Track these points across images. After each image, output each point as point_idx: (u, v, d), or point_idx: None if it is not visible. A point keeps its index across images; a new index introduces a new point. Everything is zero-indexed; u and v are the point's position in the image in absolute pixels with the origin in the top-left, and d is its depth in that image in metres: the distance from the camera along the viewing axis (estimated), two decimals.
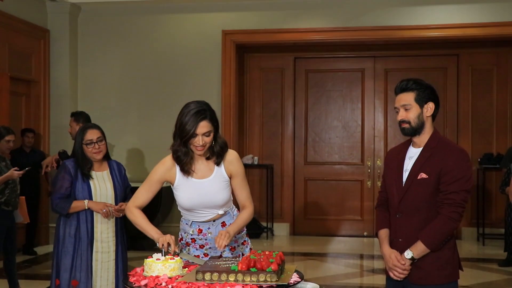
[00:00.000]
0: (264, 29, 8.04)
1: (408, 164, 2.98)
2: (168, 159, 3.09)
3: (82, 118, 5.65)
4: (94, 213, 3.96)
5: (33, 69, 7.89)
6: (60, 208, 3.93)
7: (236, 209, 3.25)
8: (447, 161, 2.86)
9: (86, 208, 3.92)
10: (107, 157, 4.09)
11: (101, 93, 8.33)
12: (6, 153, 5.54)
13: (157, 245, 2.90)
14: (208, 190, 3.04)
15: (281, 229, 8.76)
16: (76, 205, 3.91)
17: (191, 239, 3.14)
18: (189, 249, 3.16)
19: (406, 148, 3.05)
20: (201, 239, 3.13)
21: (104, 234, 4.00)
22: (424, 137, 2.96)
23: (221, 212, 3.11)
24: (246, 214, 3.09)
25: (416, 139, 2.98)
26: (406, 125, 2.95)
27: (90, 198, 3.95)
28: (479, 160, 8.00)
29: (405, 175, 2.97)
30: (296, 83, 8.81)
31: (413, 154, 2.99)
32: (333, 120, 8.75)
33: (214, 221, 3.12)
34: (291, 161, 8.76)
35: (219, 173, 3.06)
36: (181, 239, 3.20)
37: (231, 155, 3.10)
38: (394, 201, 3.00)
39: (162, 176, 3.09)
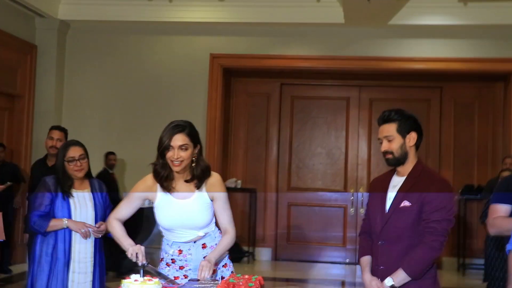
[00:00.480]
0: (252, 54, 8.10)
1: (391, 193, 2.99)
2: (150, 177, 3.06)
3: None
4: (73, 232, 3.83)
5: (18, 84, 7.80)
6: (38, 226, 3.78)
7: (218, 230, 3.18)
8: (429, 190, 2.87)
9: (65, 227, 3.79)
10: (88, 175, 3.99)
11: (86, 110, 8.26)
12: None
13: (127, 254, 2.88)
14: (188, 212, 2.99)
15: (263, 254, 8.70)
16: (55, 224, 3.78)
17: (171, 259, 3.08)
18: (169, 270, 3.08)
19: (390, 177, 3.06)
20: (181, 260, 3.07)
21: (82, 254, 3.87)
22: (407, 167, 2.97)
23: (201, 233, 3.05)
24: (227, 239, 3.02)
25: (400, 169, 2.99)
26: (389, 156, 2.97)
27: (70, 217, 3.82)
28: (460, 191, 8.06)
29: (389, 203, 2.98)
30: (282, 109, 8.85)
31: (396, 183, 3.00)
32: (317, 147, 8.78)
33: (194, 242, 3.06)
34: (275, 186, 8.75)
35: (200, 195, 3.01)
36: (162, 259, 3.14)
37: (214, 177, 3.05)
38: (376, 228, 3.00)
39: (142, 193, 3.07)
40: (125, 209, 3.10)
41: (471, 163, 8.40)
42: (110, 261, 4.85)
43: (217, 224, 3.15)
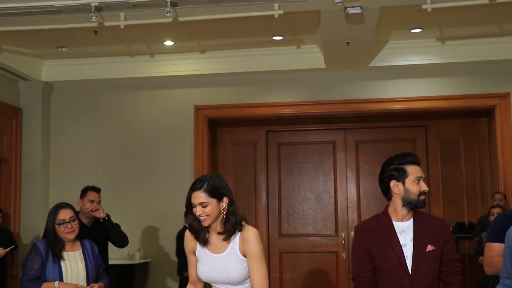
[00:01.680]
0: (236, 104, 8.10)
1: (405, 239, 2.93)
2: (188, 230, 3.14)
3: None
4: None
5: (5, 148, 7.76)
6: None
7: None
8: (444, 232, 2.94)
9: None
10: (79, 237, 3.99)
11: (74, 170, 8.22)
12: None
13: None
14: (221, 266, 2.96)
15: None
16: (46, 287, 3.79)
17: None
18: None
19: (387, 223, 2.98)
20: None
21: None
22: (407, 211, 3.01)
23: None
24: None
25: (404, 213, 2.98)
26: (425, 197, 3.01)
27: (61, 279, 3.81)
28: (451, 229, 7.94)
29: (406, 250, 2.91)
30: (269, 156, 8.79)
31: (403, 228, 2.96)
32: (306, 192, 8.69)
33: None
34: (266, 234, 8.60)
35: (233, 250, 2.96)
36: None
37: (249, 232, 2.96)
38: (402, 280, 2.88)
39: (189, 245, 3.12)
40: (192, 271, 3.14)
41: (460, 200, 8.31)
42: None
43: None
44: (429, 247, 2.88)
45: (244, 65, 7.88)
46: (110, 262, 7.67)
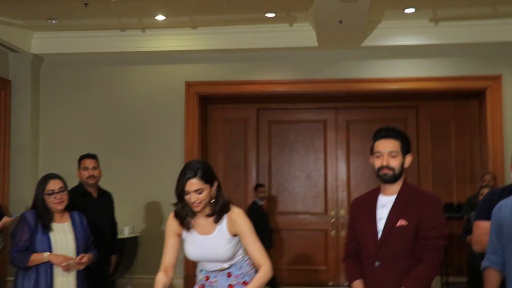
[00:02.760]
0: (227, 81, 8.04)
1: (381, 213, 2.94)
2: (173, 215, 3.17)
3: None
4: (54, 266, 3.80)
5: None
6: (18, 262, 3.78)
7: (246, 259, 3.17)
8: (425, 208, 2.84)
9: (46, 261, 3.77)
10: (68, 208, 3.96)
11: (63, 143, 8.15)
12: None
13: None
14: (210, 247, 3.05)
15: None
16: (35, 258, 3.78)
17: (202, 284, 3.17)
18: None
19: (375, 196, 3.01)
20: (208, 286, 3.15)
21: (65, 287, 3.83)
22: (397, 186, 2.95)
23: (225, 265, 3.10)
24: (261, 273, 2.99)
25: (389, 187, 2.96)
26: (389, 172, 2.93)
27: (50, 250, 3.79)
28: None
29: (380, 224, 2.92)
30: (259, 134, 8.76)
31: (385, 202, 2.96)
32: (296, 170, 8.69)
33: (221, 270, 3.12)
34: None
35: (221, 231, 3.05)
36: (196, 282, 3.26)
37: (235, 213, 3.07)
38: (370, 250, 2.93)
39: (173, 229, 3.14)
40: (167, 253, 3.13)
41: (449, 181, 8.32)
42: None
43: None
44: (401, 222, 2.85)
45: (236, 42, 7.81)
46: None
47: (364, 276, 2.96)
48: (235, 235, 3.04)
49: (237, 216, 3.06)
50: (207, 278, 3.15)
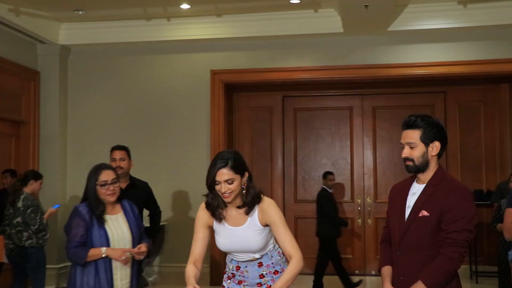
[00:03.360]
0: (253, 69, 8.00)
1: (411, 201, 2.89)
2: (203, 206, 3.13)
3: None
4: (113, 260, 3.67)
5: (23, 110, 7.82)
6: (77, 258, 3.63)
7: (277, 248, 3.17)
8: (448, 200, 2.75)
9: (103, 256, 3.63)
10: (119, 199, 3.81)
11: (91, 132, 8.24)
12: (36, 195, 5.40)
13: None
14: (241, 238, 3.04)
15: None
16: (93, 254, 3.61)
17: (232, 273, 3.17)
18: (230, 283, 3.17)
19: (410, 183, 2.96)
20: (239, 275, 3.13)
21: (124, 280, 3.74)
22: (428, 174, 2.87)
23: (257, 256, 3.09)
24: (292, 265, 2.93)
25: (420, 176, 2.90)
26: (409, 163, 2.88)
27: (108, 244, 3.65)
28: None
29: (407, 212, 2.88)
30: (285, 122, 8.72)
31: (416, 190, 2.90)
32: (322, 158, 8.62)
33: (252, 260, 3.11)
34: (281, 199, 8.59)
35: (253, 222, 3.03)
36: (225, 272, 3.24)
37: (265, 203, 3.03)
38: (395, 238, 2.91)
39: (203, 221, 3.11)
40: (196, 245, 3.08)
41: (478, 167, 8.15)
42: None
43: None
44: (423, 213, 2.79)
45: (261, 29, 7.77)
46: None
47: (392, 263, 2.94)
48: (266, 225, 3.02)
49: (268, 206, 3.02)
50: (238, 268, 3.13)
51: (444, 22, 7.45)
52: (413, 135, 2.85)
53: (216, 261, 7.64)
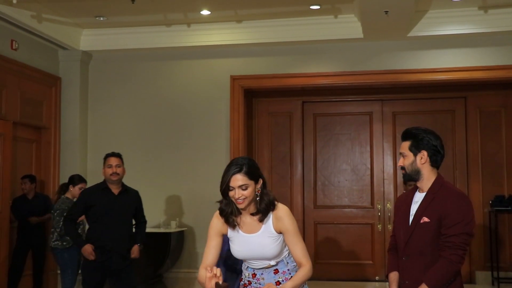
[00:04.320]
0: (272, 74, 8.01)
1: (414, 209, 3.04)
2: (218, 212, 3.11)
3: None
4: None
5: (44, 116, 7.87)
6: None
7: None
8: (446, 205, 2.91)
9: None
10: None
11: (111, 139, 8.26)
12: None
13: None
14: (256, 245, 3.01)
15: None
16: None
17: (248, 281, 3.14)
18: None
19: (413, 193, 3.11)
20: (255, 282, 3.11)
21: None
22: (426, 183, 3.02)
23: (273, 263, 3.06)
24: (302, 271, 2.93)
25: (419, 185, 3.06)
26: (403, 171, 3.10)
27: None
28: (490, 202, 7.74)
29: (411, 219, 3.03)
30: (305, 127, 8.69)
31: (418, 199, 3.05)
32: (342, 164, 8.58)
33: (267, 267, 3.09)
34: (301, 205, 8.55)
35: (267, 229, 3.01)
36: (242, 279, 3.23)
37: (280, 211, 3.01)
38: (401, 244, 3.06)
39: (217, 228, 3.07)
40: (209, 252, 3.04)
41: (500, 173, 8.05)
42: None
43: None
44: (424, 219, 2.95)
45: (281, 35, 7.77)
46: (147, 230, 7.66)
47: (399, 269, 3.09)
48: (280, 232, 2.99)
49: (283, 213, 2.99)
50: (254, 276, 3.11)
51: (464, 28, 7.42)
52: (404, 145, 3.07)
53: None
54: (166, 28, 7.91)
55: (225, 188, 2.93)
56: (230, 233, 3.06)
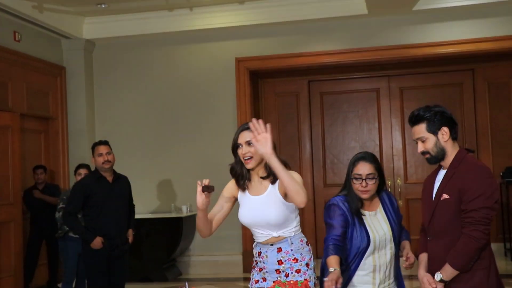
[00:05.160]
0: (277, 55, 7.98)
1: (436, 187, 2.97)
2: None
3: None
4: None
5: (51, 106, 7.91)
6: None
7: (299, 237, 3.08)
8: (465, 180, 2.80)
9: None
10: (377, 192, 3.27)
11: (119, 126, 8.30)
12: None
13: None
14: (261, 207, 3.01)
15: None
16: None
17: (255, 260, 3.15)
18: (253, 271, 3.15)
19: (437, 171, 3.03)
20: (260, 261, 3.11)
21: None
22: (449, 159, 2.92)
23: (275, 234, 3.02)
24: (296, 180, 2.80)
25: (442, 163, 2.96)
26: (427, 156, 2.96)
27: (368, 243, 3.16)
28: (501, 174, 7.70)
29: (434, 198, 2.96)
30: (312, 106, 8.70)
31: (441, 176, 2.96)
32: (351, 141, 8.59)
33: (271, 245, 3.06)
34: (311, 184, 8.58)
35: (273, 191, 3.00)
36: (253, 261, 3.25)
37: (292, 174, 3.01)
38: (426, 224, 3.00)
39: (229, 189, 3.14)
40: (216, 207, 3.14)
41: (509, 144, 8.04)
42: None
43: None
44: (444, 196, 2.86)
45: (284, 14, 7.73)
46: (159, 215, 7.93)
47: (427, 250, 3.01)
48: (286, 194, 2.92)
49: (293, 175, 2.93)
50: (259, 254, 3.10)
51: None
52: (420, 130, 2.93)
53: (248, 251, 7.63)
54: (169, 13, 7.87)
55: (234, 145, 2.98)
56: (240, 196, 3.10)
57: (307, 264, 3.08)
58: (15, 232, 6.75)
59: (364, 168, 3.13)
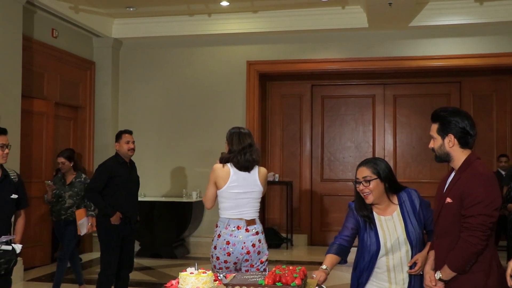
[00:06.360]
0: (285, 60, 8.31)
1: (445, 189, 2.90)
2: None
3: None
4: None
5: (80, 96, 8.29)
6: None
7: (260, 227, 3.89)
8: (467, 186, 2.70)
9: None
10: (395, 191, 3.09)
11: (140, 117, 8.63)
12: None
13: None
14: (250, 178, 3.91)
15: (299, 240, 8.93)
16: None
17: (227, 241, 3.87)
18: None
19: (449, 174, 2.93)
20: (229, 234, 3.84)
21: None
22: (458, 163, 2.81)
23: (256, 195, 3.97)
24: None
25: (452, 165, 2.86)
26: (434, 153, 2.89)
27: (378, 248, 3.05)
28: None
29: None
30: (313, 108, 9.03)
31: (451, 178, 2.89)
32: (347, 141, 8.95)
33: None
34: (309, 179, 8.96)
35: (256, 173, 3.97)
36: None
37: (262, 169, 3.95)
38: (434, 224, 2.95)
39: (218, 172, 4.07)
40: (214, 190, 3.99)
41: (490, 152, 8.39)
42: None
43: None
44: (447, 200, 2.78)
45: (293, 24, 8.05)
46: (171, 199, 8.18)
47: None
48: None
49: (265, 173, 3.93)
50: (227, 227, 3.82)
51: (460, 18, 7.68)
52: (433, 128, 2.86)
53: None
54: (189, 18, 8.23)
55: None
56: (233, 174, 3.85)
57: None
58: (45, 207, 6.86)
59: (360, 172, 3.12)
